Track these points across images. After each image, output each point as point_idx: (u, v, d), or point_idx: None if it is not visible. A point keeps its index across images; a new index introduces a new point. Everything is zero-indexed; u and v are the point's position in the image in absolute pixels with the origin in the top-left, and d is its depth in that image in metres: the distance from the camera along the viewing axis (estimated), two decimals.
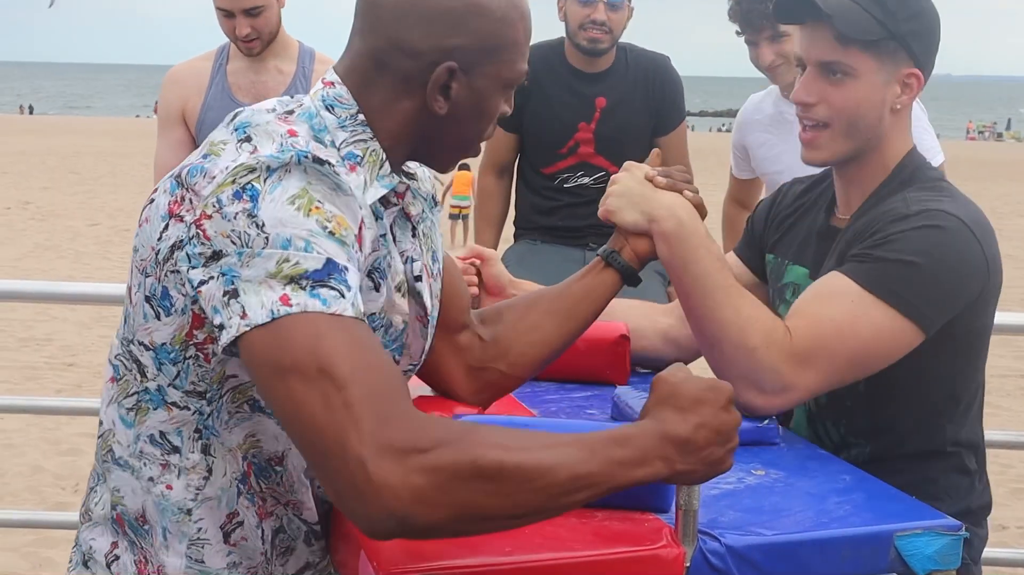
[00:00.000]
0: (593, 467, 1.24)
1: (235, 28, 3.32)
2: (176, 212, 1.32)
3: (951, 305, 1.78)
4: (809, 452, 1.77)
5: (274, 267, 1.25)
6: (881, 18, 1.83)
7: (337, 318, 1.24)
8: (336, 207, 1.30)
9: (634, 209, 1.78)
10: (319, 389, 1.21)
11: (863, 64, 1.84)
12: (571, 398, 2.00)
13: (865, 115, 1.87)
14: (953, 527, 1.46)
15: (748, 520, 1.43)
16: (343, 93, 1.43)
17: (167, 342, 1.37)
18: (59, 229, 14.78)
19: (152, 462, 1.42)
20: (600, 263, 1.76)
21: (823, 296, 1.78)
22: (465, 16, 1.39)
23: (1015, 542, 4.85)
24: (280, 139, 1.34)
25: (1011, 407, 7.24)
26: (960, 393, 1.91)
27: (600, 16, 3.59)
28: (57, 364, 7.63)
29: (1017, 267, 13.48)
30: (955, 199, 1.85)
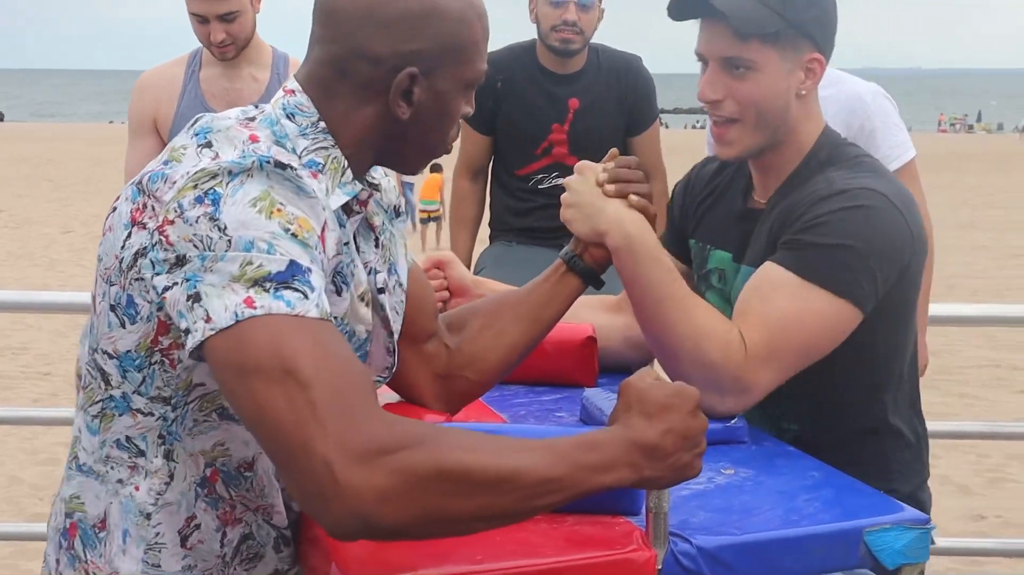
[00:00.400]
0: (560, 472, 1.24)
1: (209, 34, 3.28)
2: (139, 219, 1.32)
3: (884, 281, 1.80)
4: (777, 449, 1.78)
5: (237, 270, 1.25)
6: (778, 8, 1.83)
7: (301, 319, 1.24)
8: (299, 209, 1.30)
9: (585, 222, 1.77)
10: (283, 390, 1.21)
11: (765, 57, 1.84)
12: (540, 401, 2.00)
13: (772, 105, 1.87)
14: (920, 520, 1.47)
15: (719, 520, 1.44)
16: (304, 101, 1.42)
17: (132, 349, 1.37)
18: (33, 237, 14.70)
19: (121, 465, 1.42)
20: (562, 267, 1.76)
21: (765, 292, 1.79)
22: (423, 20, 1.39)
23: (993, 532, 4.88)
24: (242, 145, 1.35)
25: (987, 397, 7.29)
26: (895, 364, 1.93)
27: (571, 17, 3.60)
28: (33, 373, 7.59)
29: (990, 257, 13.60)
30: (876, 174, 1.86)
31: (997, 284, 11.68)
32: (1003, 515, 5.08)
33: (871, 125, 3.14)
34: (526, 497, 1.23)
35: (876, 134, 3.13)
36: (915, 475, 1.97)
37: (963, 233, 15.04)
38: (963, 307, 5.16)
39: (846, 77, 3.25)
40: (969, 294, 10.85)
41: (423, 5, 1.39)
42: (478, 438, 1.25)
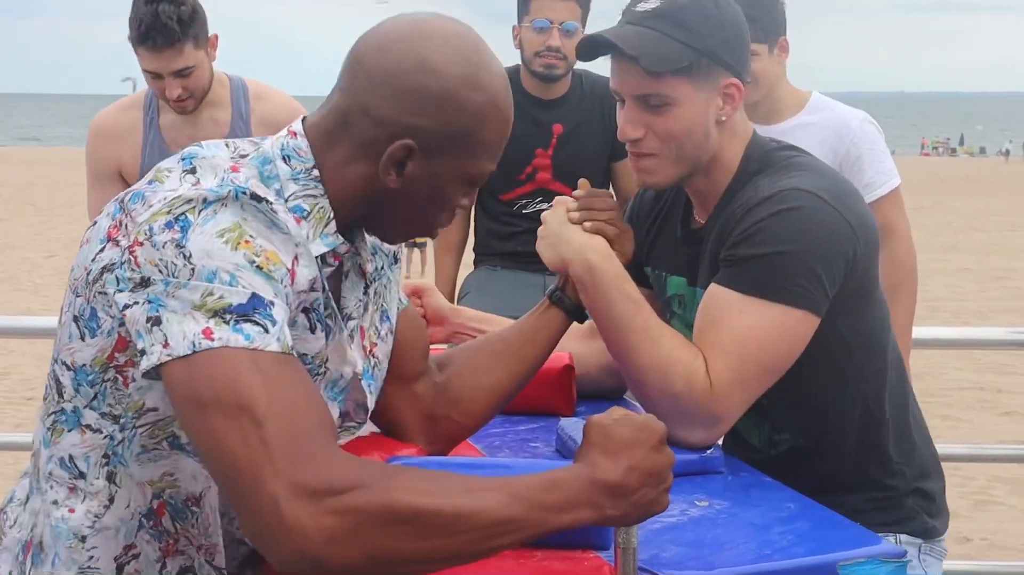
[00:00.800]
0: (516, 512, 1.23)
1: (165, 90, 3.17)
2: (114, 236, 1.33)
3: (831, 279, 1.77)
4: (753, 480, 1.77)
5: (199, 299, 1.25)
6: (686, 40, 1.81)
7: (259, 353, 1.24)
8: (268, 242, 1.30)
9: (552, 251, 1.78)
10: (237, 425, 1.21)
11: (680, 90, 1.83)
12: (516, 431, 1.99)
13: (692, 137, 1.85)
14: (896, 554, 1.46)
15: (690, 555, 1.42)
16: (303, 146, 1.42)
17: (87, 363, 1.36)
18: (15, 261, 14.65)
19: (60, 485, 1.40)
20: (546, 303, 1.76)
21: (713, 316, 1.78)
22: (437, 100, 1.37)
23: (979, 554, 4.87)
24: (223, 174, 1.35)
25: (971, 419, 7.30)
26: (871, 356, 1.90)
27: (555, 43, 3.59)
28: (16, 398, 7.55)
29: (973, 280, 13.65)
30: (806, 172, 1.84)
31: (980, 307, 11.72)
32: (988, 538, 5.08)
33: (857, 152, 3.15)
34: (480, 538, 1.22)
35: (862, 161, 3.15)
36: (919, 464, 1.95)
37: (946, 256, 15.09)
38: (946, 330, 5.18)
39: (833, 103, 3.27)
40: (952, 316, 10.88)
41: (442, 87, 1.37)
42: (432, 478, 1.24)
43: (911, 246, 3.23)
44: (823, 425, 1.90)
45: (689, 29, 1.81)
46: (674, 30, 1.81)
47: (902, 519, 1.91)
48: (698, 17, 1.82)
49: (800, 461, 1.88)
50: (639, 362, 1.75)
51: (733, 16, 1.87)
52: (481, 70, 1.40)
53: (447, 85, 1.37)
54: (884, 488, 1.92)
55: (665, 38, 1.81)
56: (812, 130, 3.14)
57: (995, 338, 3.95)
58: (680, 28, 1.81)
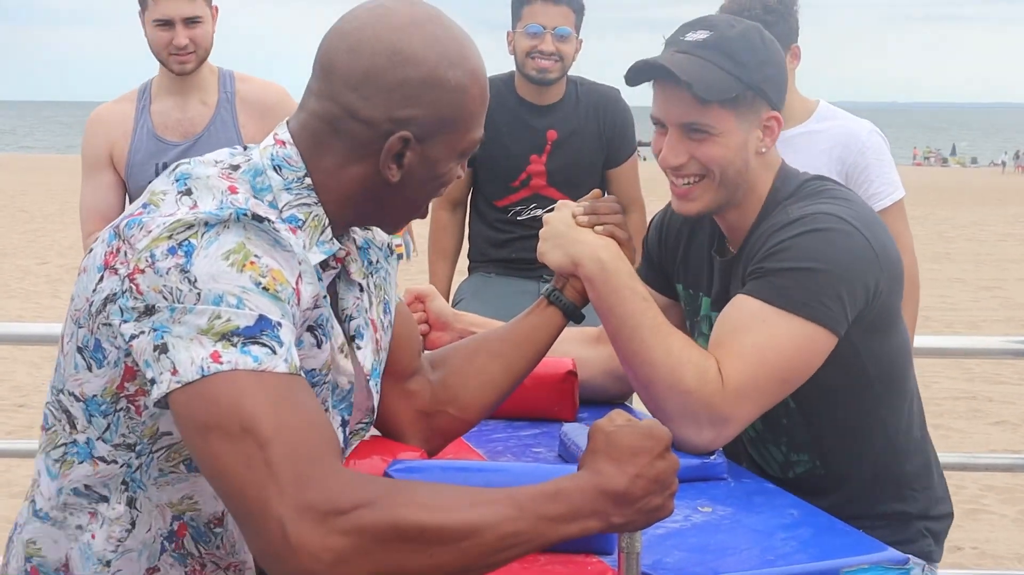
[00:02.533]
0: (521, 526, 1.23)
1: (172, 39, 3.27)
2: (111, 264, 1.31)
3: (852, 302, 1.80)
4: (756, 486, 1.77)
5: (205, 323, 1.24)
6: (735, 72, 1.84)
7: (267, 375, 1.24)
8: (274, 260, 1.29)
9: (559, 251, 1.79)
10: (242, 448, 1.21)
11: (724, 121, 1.86)
12: (518, 436, 1.99)
13: (732, 165, 1.89)
14: (899, 561, 1.46)
15: (693, 560, 1.43)
16: (292, 154, 1.41)
17: (98, 394, 1.35)
18: (8, 268, 14.59)
19: (80, 511, 1.40)
20: (543, 302, 1.76)
21: (736, 323, 1.80)
22: (421, 88, 1.37)
23: (970, 563, 4.88)
24: (221, 195, 1.33)
25: (962, 429, 7.30)
26: (890, 383, 1.93)
27: (548, 47, 3.61)
28: (7, 405, 7.51)
29: (964, 290, 13.66)
30: (835, 200, 1.87)
31: (972, 316, 11.73)
32: (979, 546, 5.08)
33: (864, 162, 3.16)
34: (486, 553, 1.22)
35: (870, 171, 3.16)
36: (933, 495, 1.98)
37: (938, 266, 15.11)
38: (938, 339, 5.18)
39: (841, 113, 3.27)
40: (943, 326, 10.88)
41: (423, 74, 1.37)
42: (437, 492, 1.25)
43: (914, 258, 3.25)
44: (841, 451, 1.92)
45: (738, 61, 1.85)
46: (724, 61, 1.84)
47: (908, 540, 1.94)
48: (746, 50, 1.86)
49: (816, 486, 1.90)
50: (650, 358, 1.76)
51: (777, 52, 1.92)
52: (452, 45, 1.40)
53: (426, 70, 1.37)
54: (896, 515, 1.95)
55: (715, 68, 1.84)
56: (819, 138, 3.15)
57: (987, 347, 3.97)
58: (729, 60, 1.84)
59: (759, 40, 1.88)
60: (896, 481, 1.95)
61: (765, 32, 1.92)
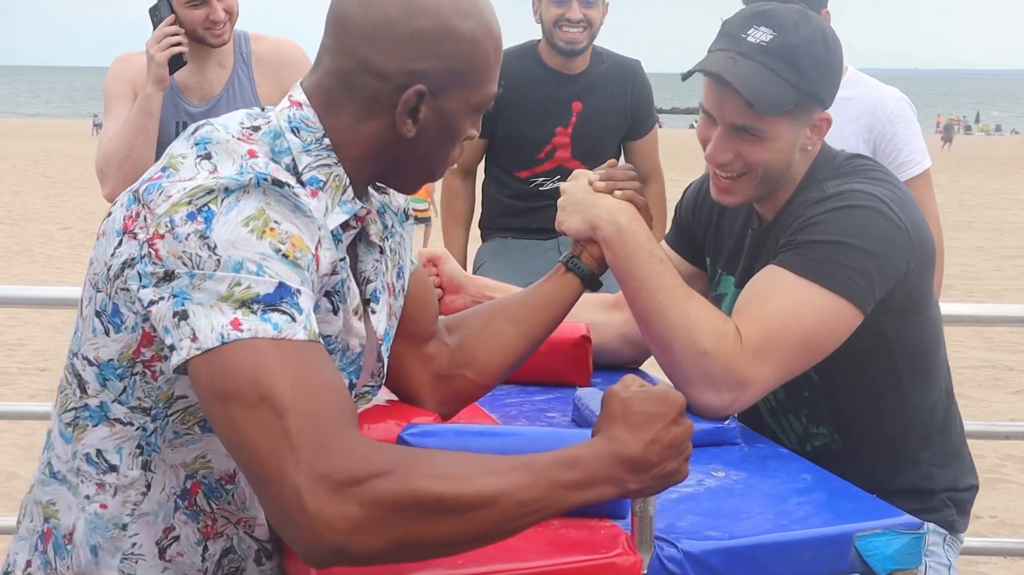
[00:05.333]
0: (538, 492, 1.23)
1: (208, 14, 3.23)
2: (130, 228, 1.31)
3: (882, 281, 1.79)
4: (770, 451, 1.77)
5: (225, 290, 1.24)
6: (795, 81, 1.83)
7: (287, 343, 1.24)
8: (294, 226, 1.29)
9: (577, 217, 1.79)
10: (260, 417, 1.20)
11: (778, 128, 1.86)
12: (532, 401, 1.99)
13: (777, 164, 1.89)
14: (913, 526, 1.46)
15: (706, 524, 1.43)
16: (309, 115, 1.40)
17: (114, 358, 1.36)
18: (30, 233, 14.68)
19: (88, 480, 1.41)
20: (561, 268, 1.76)
21: (763, 291, 1.80)
22: (435, 39, 1.36)
23: (988, 531, 4.87)
24: (240, 160, 1.33)
25: (983, 397, 7.28)
26: (916, 364, 1.92)
27: (575, 15, 3.58)
28: (30, 369, 7.57)
29: (987, 258, 13.60)
30: (870, 179, 1.87)
31: (993, 285, 11.67)
32: (998, 515, 5.07)
33: (893, 130, 3.13)
34: (503, 520, 1.23)
35: (898, 139, 3.13)
36: (955, 473, 1.98)
37: (959, 234, 15.03)
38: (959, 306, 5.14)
39: (869, 80, 3.24)
40: (965, 295, 10.84)
41: (436, 25, 1.36)
42: (453, 461, 1.24)
43: (939, 226, 3.22)
44: (862, 428, 1.91)
45: (800, 71, 1.83)
46: (786, 70, 1.82)
47: (931, 509, 1.94)
48: (810, 59, 1.84)
49: (833, 461, 1.89)
50: (667, 319, 1.75)
51: (838, 55, 1.90)
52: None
53: (440, 21, 1.36)
54: (914, 490, 1.94)
55: (777, 78, 1.82)
56: (847, 105, 3.11)
57: (1008, 315, 3.92)
58: (791, 69, 1.82)
59: (822, 47, 1.85)
60: (916, 460, 1.94)
61: (829, 33, 1.88)
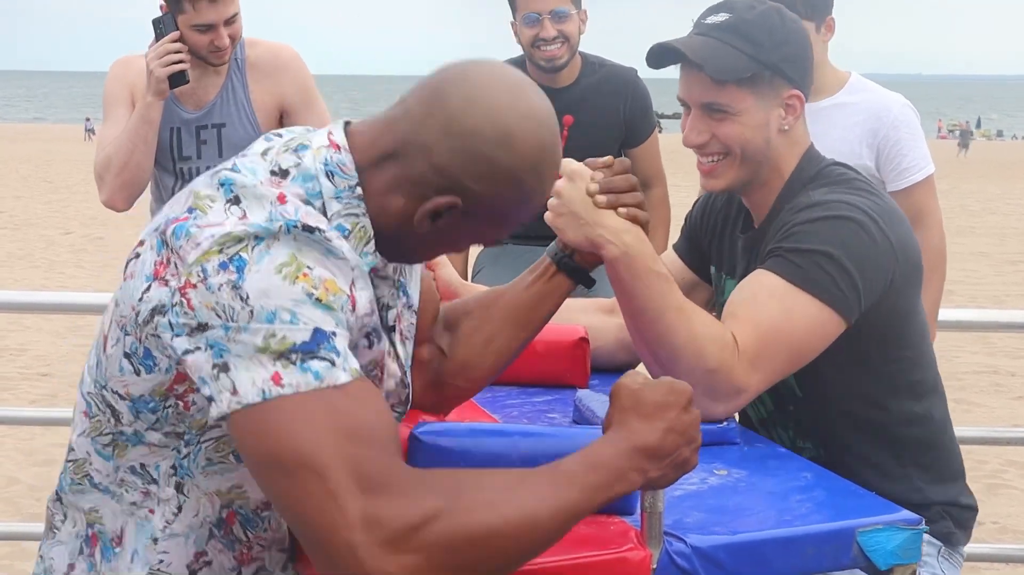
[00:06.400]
0: (575, 498, 1.27)
1: (213, 40, 3.23)
2: (161, 275, 1.29)
3: (867, 293, 1.82)
4: (769, 451, 1.79)
5: (261, 342, 1.23)
6: (751, 52, 1.87)
7: (329, 391, 1.24)
8: (327, 270, 1.28)
9: (579, 232, 1.72)
10: (303, 483, 1.21)
11: (742, 101, 1.89)
12: (532, 402, 2.01)
13: (752, 142, 1.92)
14: (913, 521, 1.48)
15: (712, 520, 1.45)
16: (347, 161, 1.36)
17: (145, 394, 1.35)
18: (32, 238, 14.69)
19: (134, 489, 1.41)
20: (551, 268, 1.70)
21: (753, 296, 1.81)
22: (502, 176, 1.34)
23: (991, 538, 4.87)
24: (270, 206, 1.30)
25: (984, 403, 7.28)
26: (898, 377, 1.94)
27: (548, 33, 3.52)
28: (31, 374, 7.57)
29: (990, 264, 13.60)
30: (856, 191, 1.89)
31: (995, 290, 11.68)
32: (1000, 521, 5.08)
33: (897, 135, 3.14)
34: (550, 534, 1.27)
35: (902, 145, 3.14)
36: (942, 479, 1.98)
37: (962, 239, 15.03)
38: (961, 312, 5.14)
39: (872, 85, 3.25)
40: (967, 300, 10.84)
41: (512, 165, 1.33)
42: (496, 485, 1.27)
43: (943, 232, 3.24)
44: (847, 444, 1.92)
45: (755, 42, 1.87)
46: (740, 42, 1.87)
47: (926, 520, 1.94)
48: (764, 31, 1.88)
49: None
50: (673, 341, 1.75)
51: (797, 31, 1.93)
52: (548, 157, 1.37)
53: (517, 166, 1.34)
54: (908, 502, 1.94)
55: (731, 49, 1.87)
56: (850, 110, 3.13)
57: (1010, 321, 3.94)
58: (746, 41, 1.87)
59: (777, 20, 1.90)
60: (906, 476, 1.94)
61: (786, 12, 1.93)
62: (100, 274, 11.76)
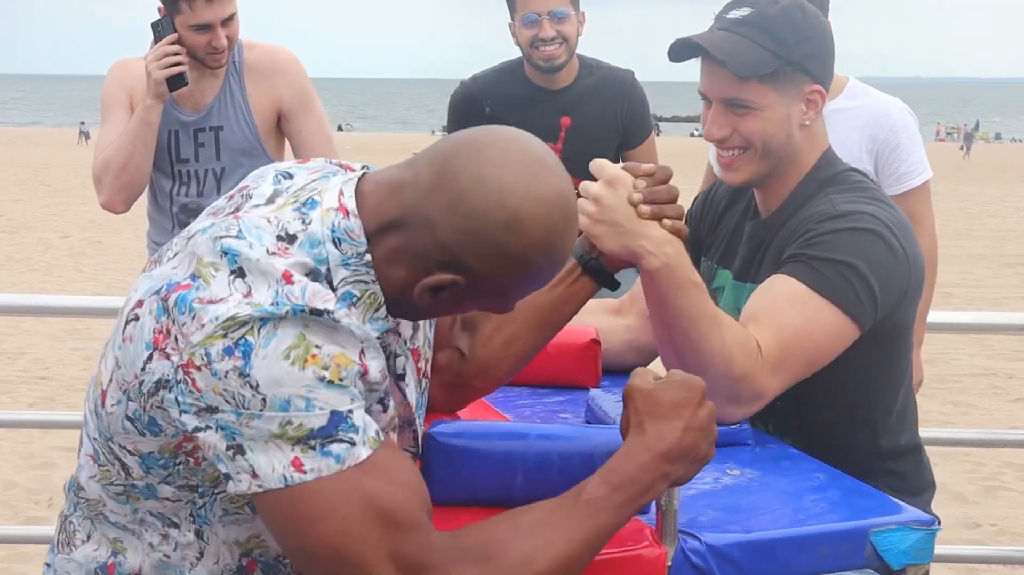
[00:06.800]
0: (603, 523, 1.30)
1: (211, 41, 3.22)
2: (161, 346, 1.26)
3: (883, 304, 1.84)
4: (781, 452, 1.80)
5: (277, 429, 1.22)
6: (773, 48, 1.88)
7: (352, 471, 1.23)
8: (335, 346, 1.25)
9: (618, 241, 1.68)
10: (342, 573, 1.24)
11: (764, 96, 1.89)
12: (544, 403, 2.01)
13: (774, 137, 1.92)
14: (926, 522, 1.49)
15: (727, 519, 1.46)
16: (355, 228, 1.31)
17: (155, 451, 1.33)
18: (30, 241, 14.67)
19: (153, 531, 1.40)
20: (577, 270, 1.69)
21: (777, 301, 1.82)
22: (508, 257, 1.29)
23: (989, 539, 4.88)
24: (276, 285, 1.25)
25: (983, 405, 7.29)
26: (886, 396, 1.96)
27: (547, 33, 3.53)
28: (29, 378, 7.56)
29: (987, 266, 13.61)
30: (876, 202, 1.91)
31: (994, 293, 11.68)
32: (998, 523, 5.08)
33: (896, 140, 3.15)
34: (582, 564, 1.29)
35: (900, 149, 3.15)
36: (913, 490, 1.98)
37: (960, 242, 15.05)
38: (959, 314, 5.16)
39: (870, 90, 3.26)
40: (965, 302, 10.85)
41: (520, 250, 1.29)
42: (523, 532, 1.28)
43: (935, 238, 3.25)
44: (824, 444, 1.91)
45: (777, 38, 1.88)
46: (762, 38, 1.88)
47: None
48: (786, 27, 1.89)
49: None
50: (706, 348, 1.73)
51: (820, 27, 1.94)
52: (558, 240, 1.31)
53: (525, 250, 1.29)
54: None
55: (753, 45, 1.87)
56: (849, 115, 3.13)
57: (1008, 323, 3.94)
58: (768, 36, 1.88)
59: (799, 16, 1.91)
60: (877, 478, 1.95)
61: (808, 7, 1.93)
62: (98, 277, 11.75)
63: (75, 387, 7.21)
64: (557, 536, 1.27)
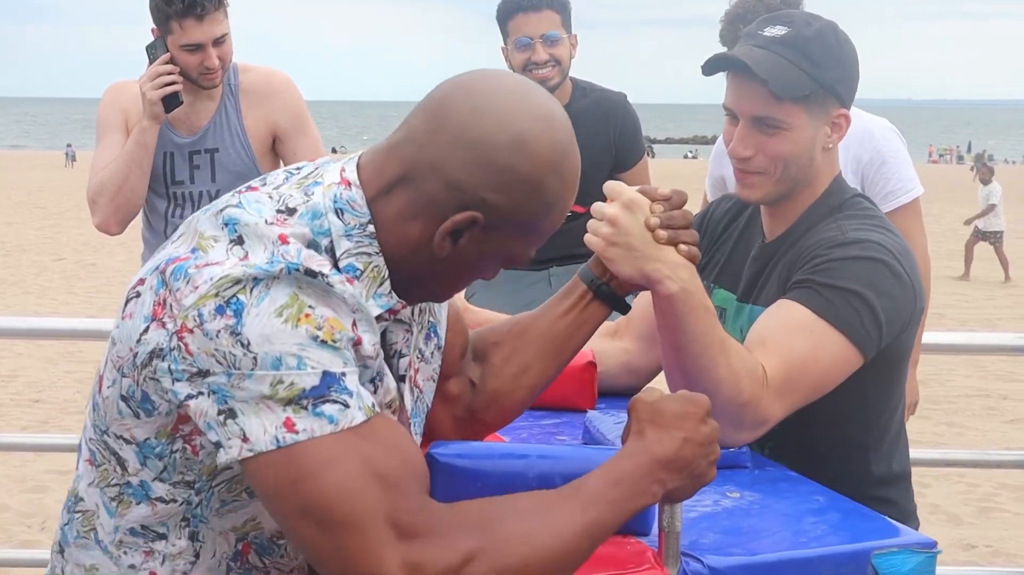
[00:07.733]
0: (601, 515, 1.28)
1: (203, 61, 3.24)
2: (159, 316, 1.25)
3: (887, 333, 1.85)
4: (780, 474, 1.80)
5: (268, 389, 1.20)
6: (810, 71, 1.88)
7: (346, 433, 1.21)
8: (329, 309, 1.23)
9: (632, 265, 1.65)
10: (337, 535, 1.21)
11: (796, 117, 1.89)
12: (541, 425, 2.01)
13: (799, 159, 1.92)
14: (927, 545, 1.48)
15: (728, 541, 1.46)
16: (357, 198, 1.30)
17: (150, 437, 1.31)
18: (24, 264, 14.66)
19: (134, 550, 1.36)
20: (588, 295, 1.64)
21: (784, 327, 1.82)
22: (520, 183, 1.28)
23: (983, 560, 4.88)
24: (272, 246, 1.25)
25: (977, 427, 7.30)
26: (880, 421, 1.96)
27: (540, 56, 3.55)
28: (23, 400, 7.54)
29: (979, 287, 13.65)
30: (883, 230, 1.91)
31: (987, 314, 11.71)
32: (993, 544, 5.08)
33: (881, 159, 3.16)
34: (580, 555, 1.29)
35: (886, 167, 3.16)
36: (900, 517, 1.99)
37: (953, 263, 15.08)
38: (953, 335, 5.16)
39: (856, 111, 3.27)
40: (958, 323, 10.88)
41: (530, 170, 1.28)
42: (523, 511, 1.28)
43: (927, 256, 3.25)
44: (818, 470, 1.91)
45: (813, 60, 1.88)
46: (800, 59, 1.88)
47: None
48: (822, 49, 1.89)
49: None
50: (714, 375, 1.73)
51: (851, 51, 1.95)
52: (567, 157, 1.31)
53: (535, 169, 1.28)
54: None
55: (791, 65, 1.87)
56: None
57: (1001, 344, 3.95)
58: (805, 58, 1.88)
59: (833, 38, 1.92)
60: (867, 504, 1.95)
61: (840, 30, 1.94)
62: (92, 300, 11.73)
63: (68, 410, 7.19)
64: (556, 518, 1.26)
